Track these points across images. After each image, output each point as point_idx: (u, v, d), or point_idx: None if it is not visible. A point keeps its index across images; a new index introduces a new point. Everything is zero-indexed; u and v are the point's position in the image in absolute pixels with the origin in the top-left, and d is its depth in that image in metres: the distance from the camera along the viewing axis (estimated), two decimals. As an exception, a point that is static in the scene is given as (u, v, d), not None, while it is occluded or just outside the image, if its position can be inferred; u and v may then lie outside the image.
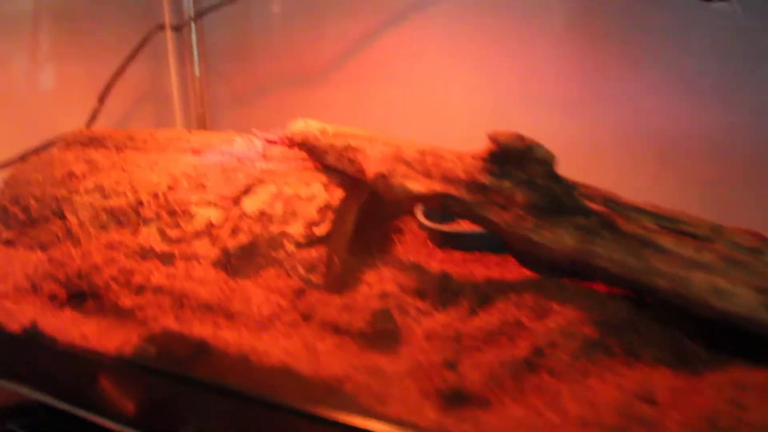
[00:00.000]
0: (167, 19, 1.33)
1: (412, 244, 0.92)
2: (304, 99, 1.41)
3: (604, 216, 0.66)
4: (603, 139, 1.19)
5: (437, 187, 0.73)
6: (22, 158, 1.09)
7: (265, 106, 1.45)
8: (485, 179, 0.71)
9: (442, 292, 0.74)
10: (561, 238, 0.67)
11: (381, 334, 0.67)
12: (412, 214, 1.00)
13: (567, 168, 1.06)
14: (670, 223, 0.65)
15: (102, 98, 1.20)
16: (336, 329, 0.69)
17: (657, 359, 0.64)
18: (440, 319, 0.71)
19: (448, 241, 0.94)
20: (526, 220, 0.68)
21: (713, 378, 0.60)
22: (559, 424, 0.55)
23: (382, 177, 0.75)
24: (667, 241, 0.64)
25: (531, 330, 0.66)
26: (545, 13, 1.18)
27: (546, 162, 0.68)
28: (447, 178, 0.73)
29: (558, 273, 0.71)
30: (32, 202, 0.97)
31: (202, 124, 1.41)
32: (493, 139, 0.69)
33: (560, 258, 0.68)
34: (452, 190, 0.73)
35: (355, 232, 0.88)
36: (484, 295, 0.73)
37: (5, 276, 0.90)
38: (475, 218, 0.73)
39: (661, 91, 1.13)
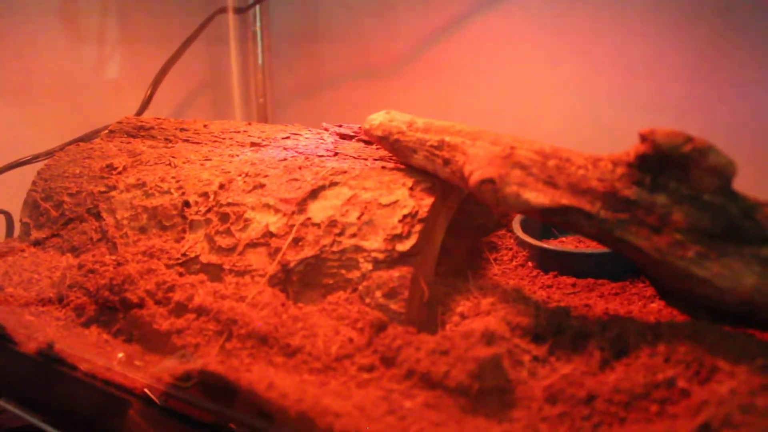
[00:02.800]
0: (230, 1, 1.19)
1: (510, 265, 0.75)
2: (375, 92, 1.28)
3: (802, 247, 0.48)
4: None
5: (564, 199, 0.56)
6: (62, 149, 0.95)
7: (332, 99, 1.32)
8: (631, 192, 0.53)
9: (559, 332, 0.57)
10: (737, 275, 0.49)
11: (489, 391, 0.50)
12: (508, 227, 0.83)
13: None
14: None
15: (156, 84, 1.06)
16: (427, 381, 0.52)
17: None
18: (564, 372, 0.53)
19: (550, 261, 0.77)
20: (686, 248, 0.51)
21: None
22: None
23: (491, 183, 0.58)
24: None
25: (693, 395, 0.48)
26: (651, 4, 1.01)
27: (722, 173, 0.50)
28: (577, 188, 0.56)
29: (717, 315, 0.53)
30: (66, 198, 0.83)
31: (264, 115, 1.28)
32: (647, 138, 0.51)
33: (732, 300, 0.49)
34: (585, 204, 0.55)
35: (444, 248, 0.72)
36: (619, 339, 0.55)
37: (30, 282, 0.77)
38: (613, 241, 0.55)
39: None
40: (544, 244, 0.77)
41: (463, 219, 0.80)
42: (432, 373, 0.52)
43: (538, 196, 0.57)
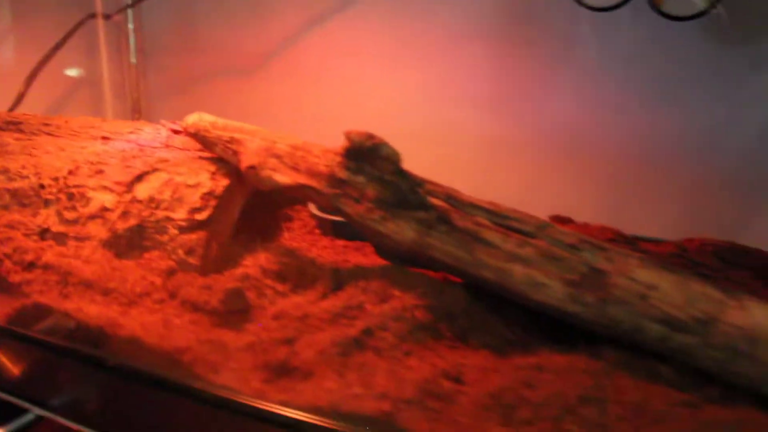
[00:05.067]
0: (98, 7, 1.38)
1: (299, 232, 0.98)
2: (243, 91, 1.46)
3: (442, 211, 0.72)
4: (519, 137, 1.26)
5: (302, 180, 0.79)
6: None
7: (204, 97, 1.50)
8: (343, 174, 0.76)
9: (302, 276, 0.80)
10: (403, 230, 0.73)
11: (232, 312, 0.73)
12: (306, 204, 1.06)
13: (483, 163, 1.14)
14: (501, 220, 0.71)
15: (28, 83, 1.25)
16: (195, 307, 0.75)
17: (483, 344, 0.70)
18: (294, 301, 0.76)
19: (339, 230, 1.00)
20: (374, 213, 0.74)
21: (520, 360, 0.66)
22: (360, 394, 0.60)
23: (253, 169, 0.81)
24: (494, 237, 0.70)
25: (369, 313, 0.71)
26: (468, 16, 1.25)
27: (392, 160, 0.73)
28: (312, 172, 0.79)
29: (407, 262, 0.77)
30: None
31: (138, 113, 1.46)
32: (347, 137, 0.75)
33: (402, 248, 0.73)
34: (315, 183, 0.78)
35: (247, 220, 0.94)
36: (339, 280, 0.78)
37: None
38: (334, 209, 0.78)
39: (571, 94, 1.21)
40: (319, 213, 1.00)
41: (269, 196, 1.02)
42: (197, 302, 0.75)
43: (284, 178, 0.80)
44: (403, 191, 0.73)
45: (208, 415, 0.63)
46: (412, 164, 1.20)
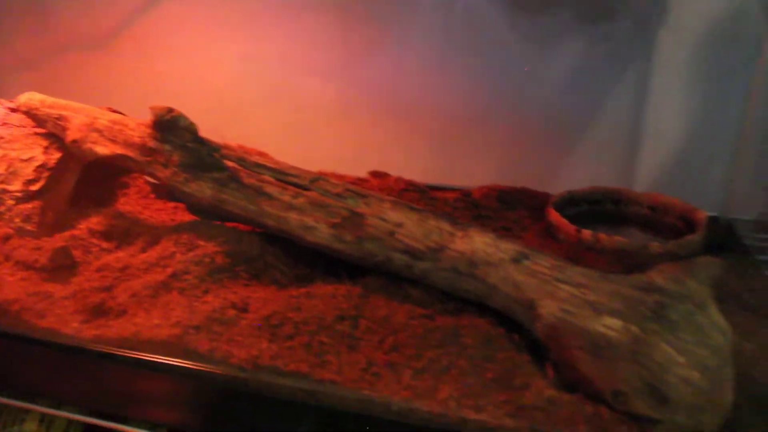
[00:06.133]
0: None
1: (134, 197, 1.10)
2: (92, 66, 1.53)
3: (233, 171, 0.86)
4: (353, 101, 1.40)
5: (119, 150, 0.91)
6: None
7: (54, 73, 1.56)
8: (152, 144, 0.89)
9: (126, 234, 0.93)
10: (202, 189, 0.86)
11: (59, 268, 0.85)
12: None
13: (322, 125, 1.33)
14: (282, 176, 0.86)
15: None
16: (26, 266, 0.87)
17: (272, 280, 0.85)
18: (117, 256, 0.89)
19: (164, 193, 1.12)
20: (179, 176, 0.87)
21: (296, 291, 0.81)
22: (158, 324, 0.74)
23: (76, 142, 0.92)
24: (275, 190, 0.84)
25: (177, 261, 0.85)
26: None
27: (190, 130, 0.86)
28: (127, 143, 0.91)
29: (214, 217, 0.91)
30: None
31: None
32: (151, 111, 0.87)
33: (204, 204, 0.87)
34: (130, 153, 0.91)
35: (85, 188, 1.05)
36: (158, 235, 0.91)
37: None
38: (148, 175, 0.91)
39: (402, 59, 1.35)
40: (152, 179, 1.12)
41: (105, 166, 1.13)
42: (28, 261, 0.87)
43: (103, 149, 0.92)
44: (202, 156, 0.87)
45: (38, 353, 0.76)
46: (257, 129, 1.33)
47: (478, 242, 0.78)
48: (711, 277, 0.70)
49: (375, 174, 1.21)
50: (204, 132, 0.90)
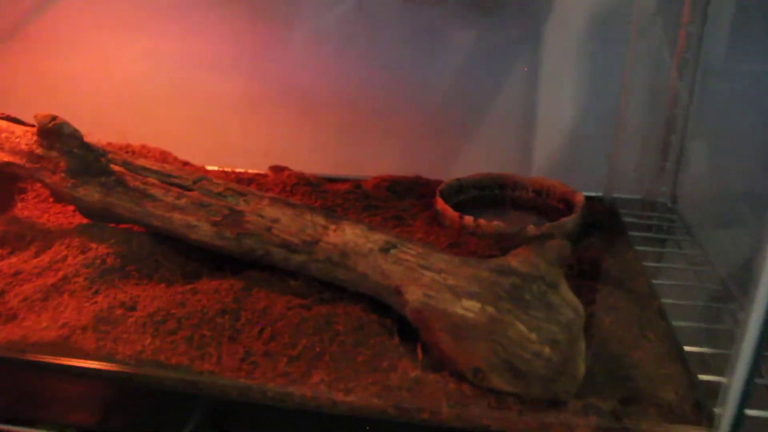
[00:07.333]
0: None
1: (32, 202, 1.12)
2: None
3: (119, 175, 0.89)
4: (261, 94, 1.43)
5: (6, 158, 0.94)
6: None
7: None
8: (39, 150, 0.92)
9: (20, 239, 0.95)
10: (90, 194, 0.90)
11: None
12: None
13: (228, 119, 1.36)
14: (166, 178, 0.89)
15: None
16: None
17: (161, 278, 0.89)
18: (9, 261, 0.92)
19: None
20: (67, 181, 0.90)
21: (182, 288, 0.85)
22: (47, 326, 0.78)
23: (-39, 152, 0.94)
24: (158, 192, 0.88)
25: (69, 264, 0.88)
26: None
27: (75, 136, 0.89)
28: (15, 150, 0.94)
29: (106, 219, 0.94)
30: None
31: None
32: (35, 119, 0.90)
33: (93, 208, 0.90)
34: (17, 160, 0.93)
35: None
36: (52, 240, 0.94)
37: None
38: (38, 181, 0.94)
39: (305, 53, 1.38)
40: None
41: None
42: None
43: (-10, 158, 0.94)
44: (89, 161, 0.90)
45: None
46: (164, 126, 1.35)
47: (349, 234, 0.83)
48: (562, 258, 0.77)
49: (274, 168, 1.25)
50: (107, 131, 0.93)
